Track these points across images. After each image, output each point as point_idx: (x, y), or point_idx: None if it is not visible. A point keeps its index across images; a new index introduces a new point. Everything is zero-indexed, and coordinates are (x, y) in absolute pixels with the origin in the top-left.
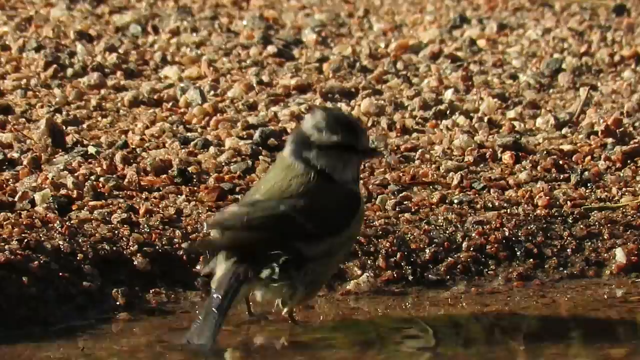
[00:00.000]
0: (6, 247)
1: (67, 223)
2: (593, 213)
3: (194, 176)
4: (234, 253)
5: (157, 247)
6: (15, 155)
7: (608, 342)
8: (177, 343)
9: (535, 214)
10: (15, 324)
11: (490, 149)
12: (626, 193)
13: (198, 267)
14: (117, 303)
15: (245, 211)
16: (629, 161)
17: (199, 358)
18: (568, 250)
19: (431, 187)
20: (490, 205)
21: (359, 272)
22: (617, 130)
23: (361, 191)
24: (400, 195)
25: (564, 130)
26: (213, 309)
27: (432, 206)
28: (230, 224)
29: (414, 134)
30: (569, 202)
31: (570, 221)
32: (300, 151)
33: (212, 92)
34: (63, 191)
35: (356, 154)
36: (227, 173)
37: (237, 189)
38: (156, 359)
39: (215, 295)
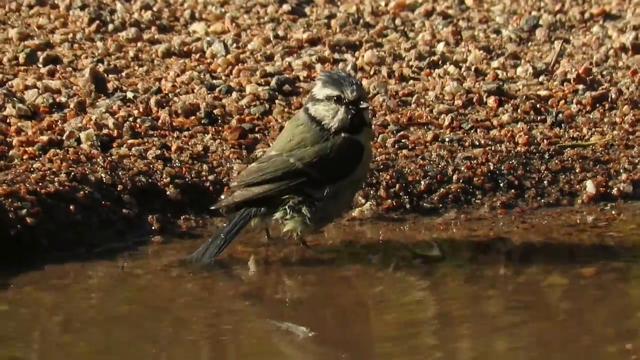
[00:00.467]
0: (55, 179)
1: (108, 158)
2: (566, 150)
3: (219, 118)
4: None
5: (187, 179)
6: (63, 99)
7: (580, 262)
8: (182, 259)
9: (516, 150)
10: (63, 246)
11: (477, 94)
12: (595, 132)
13: (222, 196)
14: (152, 228)
15: (262, 167)
16: (597, 105)
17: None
18: (545, 182)
19: (425, 127)
20: (477, 143)
21: (363, 201)
22: (587, 78)
23: (371, 133)
24: (399, 134)
25: (541, 78)
26: (221, 234)
27: (427, 144)
28: (249, 180)
29: (411, 81)
30: (545, 141)
31: (547, 157)
32: (306, 106)
33: (234, 45)
34: (105, 131)
35: (343, 105)
36: (248, 115)
37: (256, 128)
38: (187, 275)
39: (225, 224)
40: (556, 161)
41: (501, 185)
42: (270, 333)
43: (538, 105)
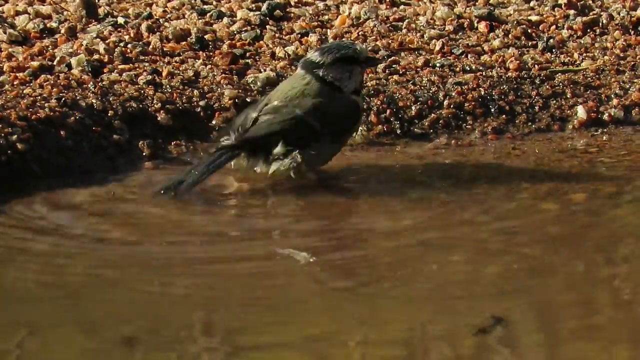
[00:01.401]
0: (46, 104)
1: (99, 84)
2: (557, 75)
3: (210, 43)
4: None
5: (178, 105)
6: (54, 25)
7: (571, 188)
8: (154, 190)
9: (507, 75)
10: (54, 172)
11: (468, 19)
12: (586, 58)
13: (213, 121)
14: (143, 154)
15: (269, 119)
16: (588, 30)
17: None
18: (536, 107)
19: (416, 52)
20: (468, 68)
21: None
22: (578, 3)
23: (363, 98)
24: (390, 59)
25: (532, 3)
26: (205, 162)
27: (417, 69)
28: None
29: (402, 6)
30: (536, 66)
31: (538, 82)
32: (311, 69)
33: None
34: (96, 56)
35: (358, 64)
36: (239, 40)
37: (248, 54)
38: (176, 201)
39: (207, 157)
40: (547, 86)
41: (492, 110)
42: (269, 259)
43: (529, 31)
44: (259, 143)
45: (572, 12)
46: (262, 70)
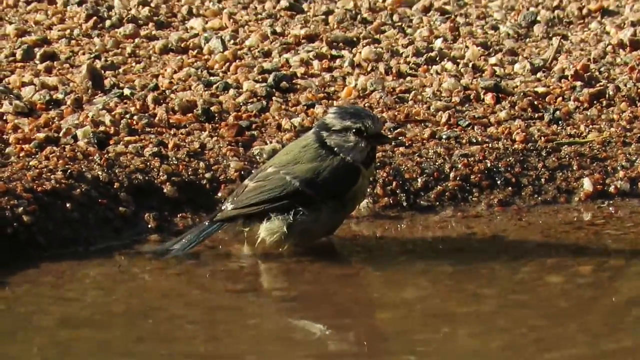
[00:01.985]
0: (52, 176)
1: (105, 156)
2: (564, 147)
3: (216, 115)
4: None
5: (184, 177)
6: (60, 96)
7: (577, 260)
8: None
9: (513, 147)
10: (60, 244)
11: (474, 91)
12: (592, 130)
13: (219, 194)
14: (149, 226)
15: (260, 185)
16: (595, 102)
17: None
18: (542, 179)
19: (423, 124)
20: (474, 140)
21: None
22: (585, 75)
23: (372, 172)
24: (396, 131)
25: (538, 75)
26: (197, 230)
27: (424, 141)
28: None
29: (408, 78)
30: (542, 138)
31: (544, 154)
32: (320, 133)
33: (232, 41)
34: (102, 128)
35: (364, 138)
36: (245, 112)
37: (254, 125)
38: (183, 275)
39: (206, 222)
40: (553, 158)
41: (498, 182)
42: (283, 330)
43: (535, 102)
44: (249, 213)
45: (578, 83)
46: (268, 142)
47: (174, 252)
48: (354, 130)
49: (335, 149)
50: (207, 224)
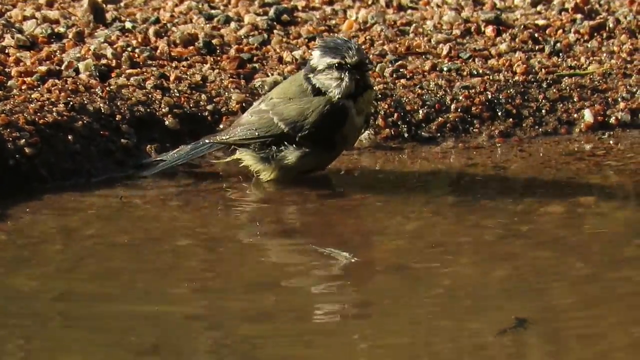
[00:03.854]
0: (54, 109)
1: (107, 88)
2: (564, 79)
3: (217, 47)
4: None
5: (185, 109)
6: (62, 30)
7: (578, 191)
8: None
9: (514, 79)
10: (62, 175)
11: (475, 24)
12: (593, 61)
13: (221, 126)
14: (151, 157)
15: (249, 121)
16: (595, 34)
17: None
18: (543, 111)
19: (423, 56)
20: (475, 72)
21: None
22: (585, 7)
23: (366, 102)
24: (397, 63)
25: (539, 7)
26: (189, 147)
27: (425, 73)
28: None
29: (409, 11)
30: (543, 70)
31: (545, 86)
32: (307, 76)
33: None
34: (103, 61)
35: (347, 70)
36: (246, 45)
37: (255, 58)
38: (184, 205)
39: (200, 142)
40: (554, 90)
41: (499, 114)
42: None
43: (536, 35)
44: (237, 143)
45: (579, 16)
46: (269, 74)
47: (161, 165)
48: (335, 65)
49: (322, 89)
50: (200, 142)
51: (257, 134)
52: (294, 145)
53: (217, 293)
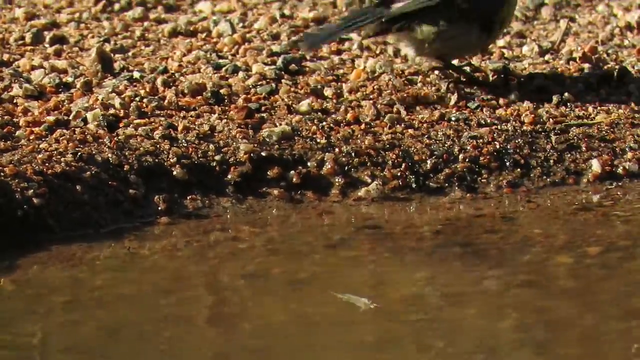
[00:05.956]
0: (62, 159)
1: (115, 138)
2: (572, 129)
3: (225, 97)
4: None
5: (194, 159)
6: (70, 79)
7: (585, 241)
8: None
9: (522, 129)
10: (70, 226)
11: (483, 73)
12: (601, 111)
13: (229, 176)
14: (159, 208)
15: None
16: (603, 83)
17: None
18: (550, 161)
19: (432, 106)
20: (483, 122)
21: (369, 180)
22: (593, 57)
23: None
24: (405, 113)
25: (546, 57)
26: (339, 23)
27: (433, 123)
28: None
29: (417, 60)
30: (551, 120)
31: (553, 136)
32: None
33: (240, 24)
34: (111, 111)
35: None
36: (254, 94)
37: (263, 108)
38: (192, 257)
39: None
40: (562, 140)
41: (507, 164)
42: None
43: (544, 84)
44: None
45: (586, 65)
46: (277, 124)
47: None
48: None
49: None
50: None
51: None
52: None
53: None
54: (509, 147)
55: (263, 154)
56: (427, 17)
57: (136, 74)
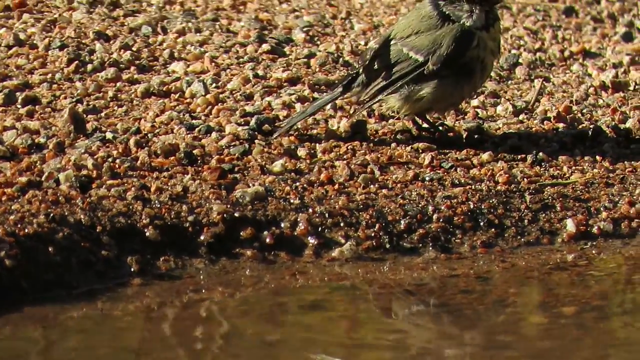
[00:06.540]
0: (34, 220)
1: (87, 199)
2: (547, 188)
3: (199, 158)
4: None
5: (167, 220)
6: (42, 140)
7: (560, 301)
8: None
9: (496, 189)
10: (43, 287)
11: (457, 134)
12: (575, 171)
13: (202, 237)
14: (132, 269)
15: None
16: (577, 143)
17: None
18: (525, 221)
19: (406, 166)
20: (457, 182)
21: (343, 241)
22: (567, 116)
23: (495, 35)
24: (379, 173)
25: (521, 117)
26: (304, 109)
27: (407, 183)
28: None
29: (391, 120)
30: (525, 179)
31: (527, 195)
32: (436, 2)
33: (213, 85)
34: (84, 171)
35: (477, 3)
36: (227, 155)
37: (236, 168)
38: (166, 318)
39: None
40: (536, 200)
41: (481, 224)
42: None
43: (518, 144)
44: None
45: (561, 125)
46: (250, 184)
47: (280, 132)
48: None
49: (453, 17)
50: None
51: (395, 76)
52: (431, 78)
53: None
54: (483, 207)
55: (236, 214)
56: (401, 85)
57: (109, 135)
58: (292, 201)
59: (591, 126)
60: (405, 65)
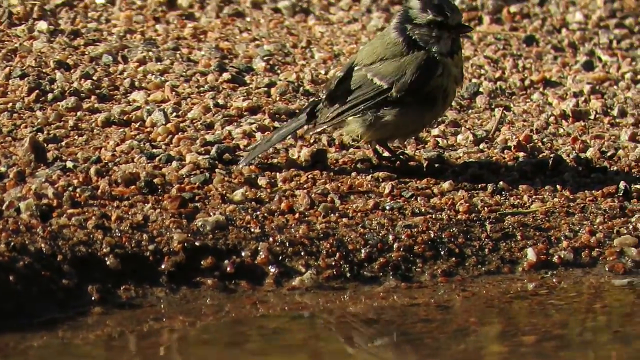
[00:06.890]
0: None
1: (48, 228)
2: (507, 217)
3: (159, 187)
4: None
5: (127, 249)
6: (3, 169)
7: (521, 330)
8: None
9: (456, 218)
10: (3, 316)
11: (417, 163)
12: (536, 200)
13: (162, 265)
14: (93, 298)
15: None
16: (537, 172)
17: None
18: (485, 249)
19: (366, 195)
20: (418, 211)
21: (303, 270)
22: (528, 145)
23: (459, 61)
24: (339, 202)
25: (481, 146)
26: (265, 140)
27: (367, 212)
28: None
29: (351, 149)
30: (486, 208)
31: (487, 224)
32: (403, 26)
33: (174, 114)
34: (45, 200)
35: (446, 30)
36: (188, 184)
37: (197, 197)
38: (126, 347)
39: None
40: (497, 229)
41: (442, 253)
42: None
43: (479, 173)
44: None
45: (521, 154)
46: (211, 213)
47: (243, 163)
48: (437, 23)
49: (419, 42)
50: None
51: (359, 100)
52: (394, 104)
53: None
54: (443, 236)
55: (197, 243)
56: (359, 111)
57: (69, 164)
58: (252, 230)
59: (552, 155)
60: (369, 90)
